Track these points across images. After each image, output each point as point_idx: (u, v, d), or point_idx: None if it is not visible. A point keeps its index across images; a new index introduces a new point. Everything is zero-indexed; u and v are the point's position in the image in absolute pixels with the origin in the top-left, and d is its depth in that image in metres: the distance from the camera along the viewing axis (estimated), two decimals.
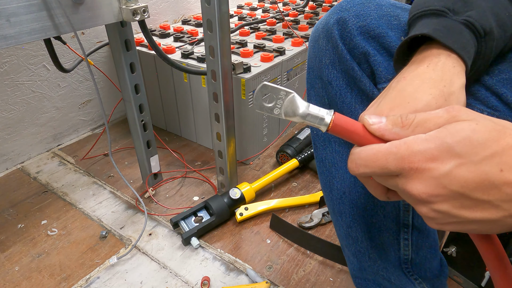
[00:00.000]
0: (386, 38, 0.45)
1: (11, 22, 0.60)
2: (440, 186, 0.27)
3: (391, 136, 0.29)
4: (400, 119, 0.29)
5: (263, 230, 0.93)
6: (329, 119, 0.32)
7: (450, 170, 0.26)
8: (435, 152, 0.26)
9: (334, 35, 0.46)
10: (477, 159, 0.26)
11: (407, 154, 0.27)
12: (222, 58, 0.80)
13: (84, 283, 0.79)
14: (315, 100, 0.53)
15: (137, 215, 0.97)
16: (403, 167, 0.28)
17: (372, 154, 0.29)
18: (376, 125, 0.30)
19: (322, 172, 0.56)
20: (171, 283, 0.79)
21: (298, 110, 0.32)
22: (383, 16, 0.46)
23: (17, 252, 0.86)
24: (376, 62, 0.46)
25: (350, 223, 0.54)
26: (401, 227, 0.52)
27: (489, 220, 0.27)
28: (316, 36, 0.50)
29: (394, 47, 0.45)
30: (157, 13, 1.43)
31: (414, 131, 0.28)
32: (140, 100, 0.92)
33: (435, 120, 0.28)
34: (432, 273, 0.56)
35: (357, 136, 0.31)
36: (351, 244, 0.56)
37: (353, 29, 0.45)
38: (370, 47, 0.46)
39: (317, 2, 1.77)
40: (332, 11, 0.48)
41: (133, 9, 0.75)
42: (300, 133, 1.18)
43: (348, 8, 0.46)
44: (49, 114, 1.21)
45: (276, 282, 0.79)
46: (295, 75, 1.25)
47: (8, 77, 1.07)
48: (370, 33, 0.45)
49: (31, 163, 1.18)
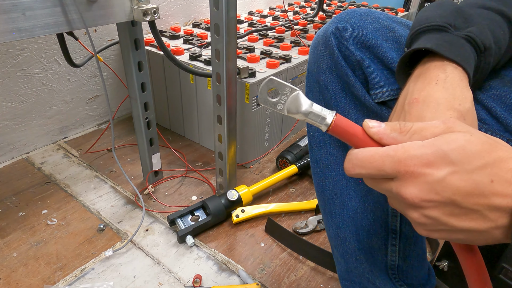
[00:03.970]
0: (380, 48, 0.47)
1: (26, 16, 0.63)
2: (433, 191, 0.27)
3: (389, 141, 0.30)
4: (399, 125, 0.31)
5: (258, 233, 0.94)
6: (330, 119, 0.32)
7: (444, 177, 0.27)
8: (431, 158, 0.27)
9: (332, 43, 0.49)
10: (470, 168, 0.26)
11: (403, 158, 0.28)
12: (227, 61, 0.82)
13: (79, 273, 0.81)
14: None
15: (135, 211, 0.99)
16: (399, 170, 0.28)
17: (369, 155, 0.30)
18: (375, 129, 0.31)
19: (315, 173, 0.58)
20: (164, 279, 0.80)
21: (301, 107, 0.33)
22: (379, 28, 0.48)
23: (16, 239, 0.88)
24: (369, 70, 0.48)
25: (339, 223, 0.56)
26: (389, 232, 0.53)
27: (475, 230, 0.27)
28: (316, 43, 0.52)
29: (387, 57, 0.47)
30: (169, 15, 1.46)
31: (411, 138, 0.29)
32: (146, 98, 0.95)
33: (432, 129, 0.29)
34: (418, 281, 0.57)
35: (356, 138, 0.32)
36: (339, 244, 0.57)
37: (349, 39, 0.48)
38: (364, 56, 0.48)
39: (327, 13, 1.80)
40: (332, 21, 0.50)
41: (144, 9, 0.77)
42: (301, 140, 1.19)
43: (346, 19, 0.49)
44: (57, 107, 1.24)
45: (267, 284, 0.80)
46: (300, 82, 1.26)
47: (20, 69, 1.10)
48: (365, 43, 0.48)
49: (36, 154, 1.20)
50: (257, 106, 1.09)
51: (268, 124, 1.19)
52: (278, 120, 1.23)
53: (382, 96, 0.48)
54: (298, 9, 1.88)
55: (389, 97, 0.48)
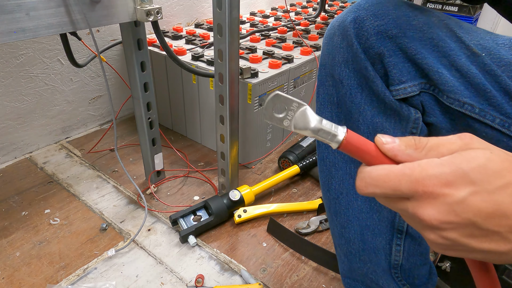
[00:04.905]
0: (403, 38, 0.44)
1: (30, 16, 0.63)
2: (453, 213, 0.26)
3: (404, 158, 0.29)
4: (414, 141, 0.29)
5: (260, 233, 0.94)
6: (342, 136, 0.30)
7: (465, 198, 0.25)
8: (450, 178, 0.26)
9: (350, 34, 0.46)
10: (491, 188, 0.25)
11: (421, 177, 0.26)
12: (230, 62, 0.82)
13: (82, 272, 0.81)
14: (323, 98, 0.53)
15: (137, 210, 0.99)
16: (416, 190, 0.27)
17: (384, 174, 0.28)
18: (390, 145, 0.29)
19: (322, 170, 0.57)
20: (166, 278, 0.81)
21: (309, 124, 0.31)
22: (401, 16, 0.45)
23: (19, 239, 0.89)
24: (391, 64, 0.45)
25: (344, 223, 0.55)
26: (395, 232, 0.53)
27: (495, 252, 0.27)
28: (331, 34, 0.49)
29: (410, 48, 0.45)
30: (171, 15, 1.46)
31: (427, 155, 0.28)
32: (148, 98, 0.95)
33: (448, 145, 0.28)
34: (420, 280, 0.57)
35: (368, 156, 0.30)
36: (344, 244, 0.57)
37: (370, 29, 0.45)
38: (386, 48, 0.45)
39: (329, 14, 1.80)
40: (350, 10, 0.47)
41: (147, 10, 0.77)
42: (303, 140, 1.19)
43: (366, 7, 0.45)
44: (60, 107, 1.24)
45: (269, 285, 0.80)
46: (302, 83, 1.26)
47: (23, 69, 1.10)
48: (387, 33, 0.45)
49: (39, 154, 1.21)
50: (259, 106, 1.09)
51: (270, 124, 1.19)
52: None
53: (404, 93, 0.46)
54: (300, 10, 1.88)
55: (411, 93, 0.46)
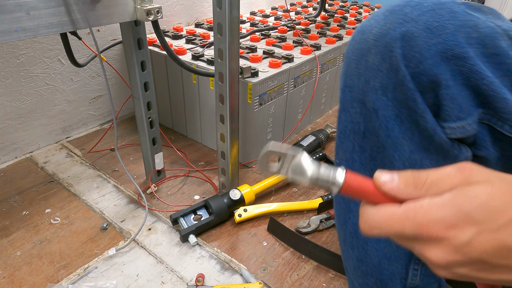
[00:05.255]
0: (466, 60, 0.35)
1: (30, 15, 0.63)
2: (459, 253, 0.27)
3: (404, 196, 0.29)
4: (413, 179, 0.29)
5: (260, 233, 0.94)
6: (341, 180, 0.30)
7: (470, 239, 0.26)
8: (453, 220, 0.26)
9: (396, 55, 0.36)
10: (495, 227, 0.26)
11: (425, 221, 0.27)
12: (230, 61, 0.82)
13: (82, 272, 0.81)
14: (345, 125, 0.46)
15: (138, 210, 0.99)
16: (421, 234, 0.27)
17: (387, 218, 0.28)
18: (389, 185, 0.29)
19: (338, 204, 0.53)
20: (167, 277, 0.81)
21: (306, 173, 0.30)
22: (459, 27, 0.35)
23: (20, 238, 0.89)
24: (448, 96, 0.36)
25: (361, 257, 0.52)
26: (412, 257, 0.50)
27: (507, 281, 0.27)
28: (364, 49, 0.39)
29: (475, 72, 0.35)
30: (172, 15, 1.46)
31: (428, 192, 0.28)
32: (149, 98, 0.95)
33: (448, 181, 0.28)
34: None
35: (370, 196, 0.30)
36: (359, 277, 0.54)
37: (424, 49, 0.35)
38: (443, 75, 0.36)
39: (329, 13, 1.80)
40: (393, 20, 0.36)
41: (148, 9, 0.77)
42: (304, 139, 1.20)
43: (415, 18, 0.35)
44: (60, 106, 1.24)
45: (269, 284, 0.80)
46: (302, 82, 1.26)
47: (23, 69, 1.11)
48: (447, 54, 0.35)
49: (39, 153, 1.21)
50: (260, 106, 1.09)
51: (271, 123, 1.19)
52: (281, 119, 1.23)
53: (462, 132, 0.38)
54: (300, 9, 1.88)
55: (471, 131, 0.38)
